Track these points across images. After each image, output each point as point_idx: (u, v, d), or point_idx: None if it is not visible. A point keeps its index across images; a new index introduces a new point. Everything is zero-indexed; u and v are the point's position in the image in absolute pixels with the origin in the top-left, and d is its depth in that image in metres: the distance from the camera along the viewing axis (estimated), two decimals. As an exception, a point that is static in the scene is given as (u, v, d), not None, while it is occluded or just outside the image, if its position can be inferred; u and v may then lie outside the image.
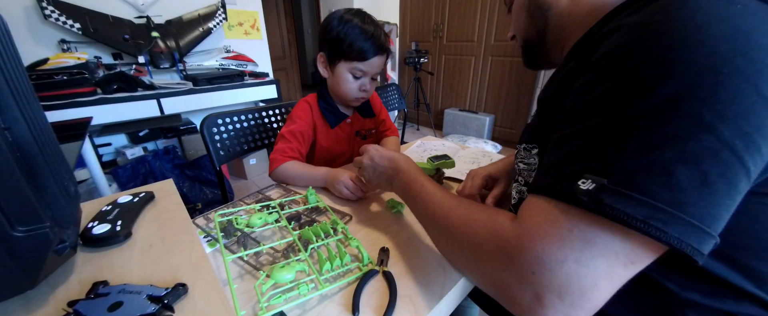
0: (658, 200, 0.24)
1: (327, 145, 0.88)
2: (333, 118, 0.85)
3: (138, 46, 1.84)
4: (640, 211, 0.24)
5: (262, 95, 2.12)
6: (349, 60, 0.75)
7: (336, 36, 0.73)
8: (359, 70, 0.76)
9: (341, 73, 0.77)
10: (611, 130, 0.27)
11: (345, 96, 0.81)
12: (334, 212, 0.59)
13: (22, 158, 0.30)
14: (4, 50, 0.29)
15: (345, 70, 0.76)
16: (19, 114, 0.29)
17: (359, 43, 0.72)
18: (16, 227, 0.28)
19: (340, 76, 0.78)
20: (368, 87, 0.80)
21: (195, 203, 1.79)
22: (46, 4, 1.58)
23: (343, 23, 0.73)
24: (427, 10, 3.27)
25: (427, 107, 3.34)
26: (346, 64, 0.76)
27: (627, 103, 0.26)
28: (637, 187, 0.25)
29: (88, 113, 1.44)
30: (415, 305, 0.40)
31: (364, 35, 0.72)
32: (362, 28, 0.72)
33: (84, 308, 0.31)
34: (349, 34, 0.72)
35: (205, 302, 0.34)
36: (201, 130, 0.91)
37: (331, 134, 0.87)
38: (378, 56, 0.75)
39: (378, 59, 0.76)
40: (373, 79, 0.80)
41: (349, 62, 0.75)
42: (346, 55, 0.74)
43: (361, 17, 0.74)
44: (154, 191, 0.56)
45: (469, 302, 0.84)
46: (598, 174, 0.26)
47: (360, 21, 0.73)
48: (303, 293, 0.39)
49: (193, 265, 0.39)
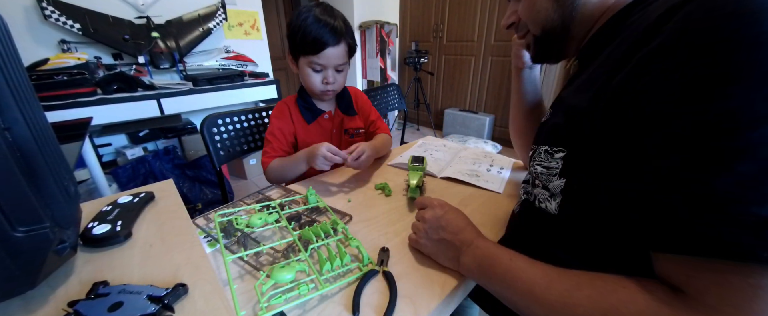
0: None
1: (308, 141, 0.87)
2: (309, 114, 0.86)
3: (138, 46, 1.84)
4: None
5: (262, 95, 2.12)
6: (305, 54, 0.74)
7: (292, 31, 0.72)
8: (316, 63, 0.74)
9: (303, 67, 0.77)
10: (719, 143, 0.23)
11: (311, 90, 0.81)
12: (334, 212, 0.59)
13: (22, 158, 0.30)
14: (4, 50, 0.29)
15: (304, 64, 0.76)
16: (19, 114, 0.29)
17: (312, 35, 0.70)
18: (16, 227, 0.28)
19: (302, 71, 0.78)
20: (331, 79, 0.78)
21: (195, 203, 1.79)
22: (46, 4, 1.58)
23: (299, 16, 0.71)
24: (427, 10, 3.27)
25: (427, 107, 3.34)
26: (305, 59, 0.75)
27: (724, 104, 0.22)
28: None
29: (88, 113, 1.44)
30: (415, 305, 0.40)
31: (316, 25, 0.70)
32: (316, 18, 0.70)
33: (84, 308, 0.31)
34: (302, 27, 0.70)
35: (205, 302, 0.34)
36: (201, 131, 0.91)
37: (311, 130, 0.88)
38: (333, 47, 0.73)
39: (333, 50, 0.73)
40: (338, 71, 0.79)
41: (306, 56, 0.74)
42: (301, 49, 0.73)
43: (319, 8, 0.72)
44: (154, 191, 0.56)
45: (469, 302, 0.84)
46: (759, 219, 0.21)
47: (317, 12, 0.71)
48: (303, 293, 0.39)
49: (194, 265, 0.39)
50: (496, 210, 0.63)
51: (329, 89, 0.80)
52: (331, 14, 0.73)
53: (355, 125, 0.94)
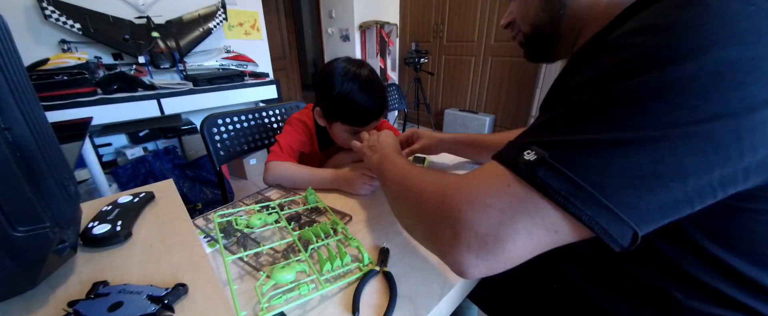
0: (585, 180, 0.25)
1: (316, 163, 0.90)
2: (322, 142, 0.87)
3: (138, 46, 1.84)
4: (564, 186, 0.25)
5: (263, 95, 2.12)
6: (345, 123, 0.75)
7: (335, 98, 0.71)
8: (356, 130, 0.76)
9: (338, 130, 0.77)
10: (569, 109, 0.28)
11: (340, 144, 0.83)
12: (333, 213, 0.59)
13: (22, 158, 0.30)
14: (4, 50, 0.29)
15: (342, 129, 0.76)
16: (19, 114, 0.29)
17: (355, 112, 0.72)
18: (16, 227, 0.29)
19: (336, 132, 0.78)
20: (366, 136, 0.79)
21: (195, 203, 1.79)
22: (46, 4, 1.58)
23: (341, 85, 0.70)
24: (427, 10, 3.27)
25: (427, 107, 3.34)
26: (343, 127, 0.75)
27: (598, 88, 0.27)
28: (571, 164, 0.26)
29: (88, 113, 1.45)
30: (415, 305, 0.40)
31: (360, 105, 0.70)
32: (358, 99, 0.70)
33: (84, 308, 0.31)
34: (344, 101, 0.70)
35: (206, 303, 0.34)
36: (201, 131, 0.91)
37: (320, 154, 0.90)
38: (374, 121, 0.76)
39: (374, 122, 0.76)
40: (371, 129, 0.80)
41: (345, 125, 0.75)
42: (343, 119, 0.74)
43: (360, 82, 0.71)
44: (154, 191, 0.56)
45: (468, 302, 0.84)
46: (543, 147, 0.27)
47: (358, 89, 0.70)
48: (303, 293, 0.39)
49: (194, 265, 0.39)
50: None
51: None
52: (373, 89, 0.72)
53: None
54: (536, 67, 2.60)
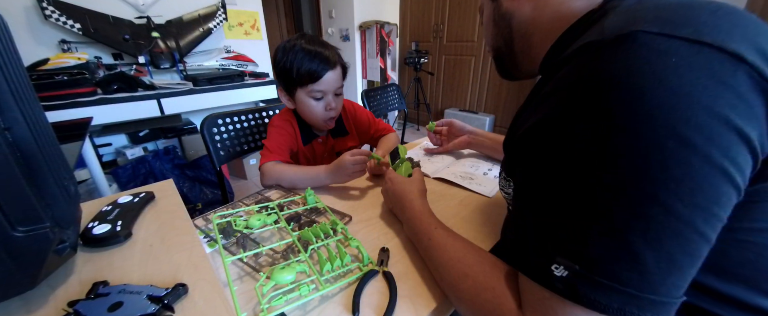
0: (630, 286, 0.25)
1: (303, 160, 0.92)
2: (304, 137, 0.88)
3: (138, 46, 1.84)
4: (615, 300, 0.25)
5: (262, 95, 2.12)
6: (303, 85, 0.75)
7: (283, 66, 0.73)
8: (317, 91, 0.75)
9: (302, 99, 0.77)
10: (575, 205, 0.27)
11: (315, 121, 0.82)
12: (333, 213, 0.59)
13: (22, 158, 0.30)
14: (4, 50, 0.29)
15: (304, 95, 0.76)
16: (19, 114, 0.29)
17: (306, 65, 0.72)
18: (16, 227, 0.29)
19: (302, 103, 0.78)
20: (334, 105, 0.79)
21: (195, 203, 1.79)
22: (46, 4, 1.58)
23: (287, 52, 0.73)
24: (427, 10, 3.27)
25: (427, 107, 3.34)
26: (303, 90, 0.75)
27: (589, 174, 0.26)
28: (608, 274, 0.25)
29: (88, 113, 1.44)
30: (415, 306, 0.40)
31: (309, 56, 0.72)
32: (305, 49, 0.72)
33: (84, 308, 0.31)
34: (294, 60, 0.72)
35: (205, 302, 0.34)
36: (201, 131, 0.91)
37: (305, 151, 0.90)
38: (330, 71, 0.75)
39: (331, 74, 0.75)
40: (337, 94, 0.80)
41: (305, 87, 0.75)
42: (298, 81, 0.74)
43: (304, 39, 0.74)
44: (154, 191, 0.56)
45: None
46: (569, 258, 0.27)
47: (304, 42, 0.73)
48: (304, 294, 0.39)
49: (194, 265, 0.39)
50: (497, 214, 0.63)
51: (331, 116, 0.81)
52: (318, 41, 0.74)
53: (347, 146, 0.95)
54: (536, 67, 2.60)
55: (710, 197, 0.24)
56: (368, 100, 1.53)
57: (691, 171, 0.23)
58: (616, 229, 0.25)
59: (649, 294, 0.24)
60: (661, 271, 0.24)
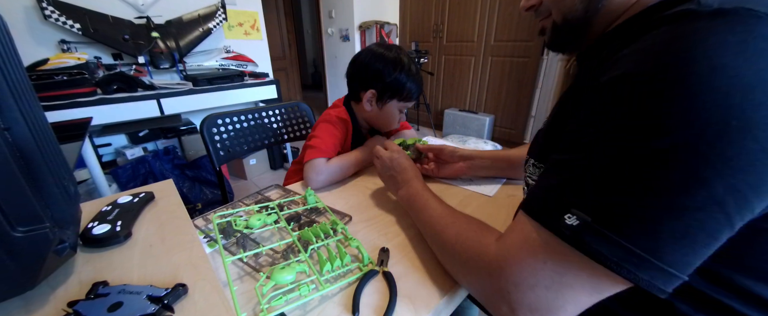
0: (637, 245, 0.25)
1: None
2: (357, 137, 0.92)
3: (138, 46, 1.83)
4: (616, 253, 0.26)
5: (262, 95, 2.12)
6: (402, 100, 0.85)
7: (395, 80, 0.81)
8: (406, 106, 0.88)
9: (391, 110, 0.87)
10: (607, 167, 0.27)
11: (385, 127, 0.93)
12: (333, 213, 0.59)
13: (22, 158, 0.30)
14: (4, 50, 0.29)
15: (395, 108, 0.87)
16: (19, 114, 0.29)
17: (413, 88, 0.83)
18: (16, 228, 0.28)
19: (389, 112, 0.87)
20: (404, 118, 0.94)
21: (195, 203, 1.79)
22: (46, 4, 1.58)
23: (398, 69, 0.81)
24: (427, 10, 3.27)
25: (427, 107, 3.34)
26: (398, 104, 0.86)
27: (629, 142, 0.26)
28: (619, 230, 0.26)
29: (88, 113, 1.44)
30: (415, 306, 0.40)
31: (415, 79, 0.83)
32: (413, 72, 0.83)
33: (84, 308, 0.31)
34: (405, 80, 0.82)
35: (205, 303, 0.34)
36: (201, 131, 0.91)
37: (347, 149, 0.92)
38: (420, 94, 0.89)
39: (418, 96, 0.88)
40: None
41: (401, 102, 0.86)
42: (400, 96, 0.84)
43: (407, 57, 0.83)
44: (154, 192, 0.56)
45: (468, 302, 0.84)
46: (585, 211, 0.27)
47: (408, 62, 0.83)
48: (304, 294, 0.39)
49: (193, 265, 0.39)
50: (496, 212, 0.63)
51: (398, 127, 0.94)
52: (414, 62, 0.85)
53: None
54: (536, 67, 2.60)
55: (750, 182, 0.23)
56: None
57: (743, 152, 0.23)
58: (643, 191, 0.25)
59: (652, 257, 0.25)
60: (674, 240, 0.24)
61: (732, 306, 0.31)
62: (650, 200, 0.25)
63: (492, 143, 2.64)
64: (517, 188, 0.73)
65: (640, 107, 0.26)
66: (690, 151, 0.23)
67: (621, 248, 0.25)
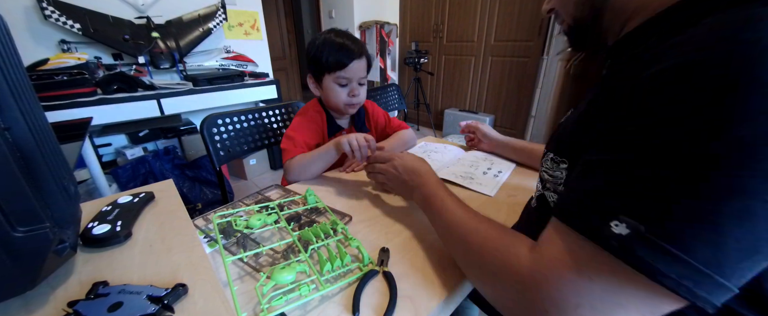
0: (697, 259, 0.22)
1: None
2: (330, 128, 0.91)
3: (138, 46, 1.83)
4: (674, 269, 0.22)
5: (262, 95, 2.12)
6: (331, 71, 0.81)
7: (315, 54, 0.81)
8: (343, 77, 0.81)
9: (329, 85, 0.83)
10: (662, 169, 0.24)
11: (337, 105, 0.86)
12: (333, 213, 0.59)
13: (22, 158, 0.30)
14: (4, 50, 0.29)
15: (331, 81, 0.83)
16: (19, 114, 0.29)
17: (335, 53, 0.79)
18: (16, 228, 0.28)
19: (329, 89, 0.84)
20: (356, 92, 0.84)
21: (195, 203, 1.79)
22: (46, 4, 1.58)
23: (319, 41, 0.81)
24: (427, 10, 3.27)
25: (427, 107, 3.34)
26: (330, 76, 0.82)
27: (687, 139, 0.23)
28: (678, 241, 0.22)
29: (88, 113, 1.44)
30: (415, 306, 0.40)
31: (337, 46, 0.79)
32: (334, 41, 0.80)
33: (84, 308, 0.31)
34: (324, 49, 0.80)
35: (205, 303, 0.34)
36: (201, 131, 0.91)
37: (328, 139, 0.91)
38: (356, 60, 0.80)
39: (357, 63, 0.81)
40: (361, 84, 0.85)
41: (332, 73, 0.81)
42: (327, 67, 0.81)
43: (334, 32, 0.82)
44: (154, 192, 0.56)
45: (468, 302, 0.84)
46: (635, 218, 0.24)
47: (333, 35, 0.81)
48: (304, 294, 0.39)
49: (194, 265, 0.39)
50: (496, 213, 0.63)
51: (354, 102, 0.85)
52: (347, 35, 0.83)
53: None
54: (536, 67, 2.60)
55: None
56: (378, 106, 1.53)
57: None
58: (708, 196, 0.22)
59: (714, 272, 0.22)
60: (740, 252, 0.22)
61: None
62: (717, 206, 0.22)
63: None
64: (518, 187, 0.73)
65: (700, 101, 0.22)
66: (762, 147, 0.21)
67: (680, 263, 0.22)
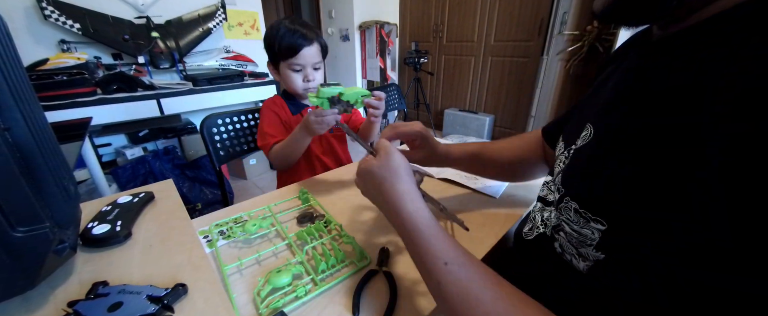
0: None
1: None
2: (293, 106, 0.94)
3: (138, 46, 1.83)
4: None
5: (262, 95, 2.12)
6: (285, 58, 0.84)
7: (269, 43, 0.84)
8: (296, 64, 0.84)
9: (284, 71, 0.86)
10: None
11: (294, 91, 0.90)
12: (328, 212, 0.59)
13: (22, 158, 0.30)
14: (4, 50, 0.29)
15: (285, 68, 0.85)
16: (19, 114, 0.29)
17: (287, 40, 0.81)
18: (16, 228, 0.29)
19: (285, 75, 0.87)
20: (311, 76, 0.87)
21: (195, 203, 1.79)
22: (46, 4, 1.58)
23: (272, 30, 0.83)
24: (427, 10, 3.27)
25: (427, 107, 3.34)
26: (285, 63, 0.85)
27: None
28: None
29: (88, 113, 1.44)
30: (415, 306, 0.40)
31: (289, 33, 0.81)
32: (287, 27, 0.81)
33: (84, 308, 0.31)
34: (276, 36, 0.82)
35: (205, 303, 0.34)
36: (201, 131, 0.91)
37: (297, 119, 0.92)
38: (308, 47, 0.83)
39: (309, 50, 0.83)
40: (316, 69, 0.88)
41: (286, 60, 0.84)
42: (280, 55, 0.83)
43: (288, 19, 0.83)
44: (153, 192, 0.56)
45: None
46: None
47: (287, 22, 0.82)
48: (300, 295, 0.39)
49: (193, 265, 0.39)
50: (499, 214, 0.63)
51: (310, 87, 0.88)
52: (300, 22, 0.84)
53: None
54: (536, 67, 2.60)
55: None
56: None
57: None
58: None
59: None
60: None
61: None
62: None
63: (492, 143, 2.64)
64: (518, 186, 0.73)
65: None
66: None
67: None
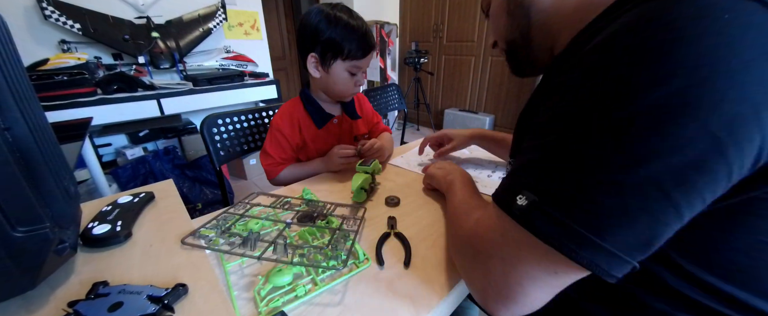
0: (579, 223, 0.25)
1: (316, 146, 0.88)
2: (319, 119, 0.85)
3: (138, 46, 1.84)
4: (557, 231, 0.26)
5: (263, 95, 2.12)
6: (346, 59, 0.76)
7: (330, 37, 0.73)
8: (356, 67, 0.77)
9: (338, 72, 0.78)
10: (554, 149, 0.28)
11: (342, 93, 0.82)
12: (330, 212, 0.59)
13: (22, 158, 0.30)
14: (4, 51, 0.29)
15: (342, 69, 0.77)
16: (19, 114, 0.29)
17: (355, 42, 0.74)
18: (16, 228, 0.29)
19: (336, 75, 0.78)
20: (361, 81, 0.82)
21: (195, 203, 1.79)
22: (46, 4, 1.58)
23: (333, 23, 0.72)
24: (427, 10, 3.27)
25: (427, 107, 3.35)
26: (344, 64, 0.76)
27: (576, 124, 0.27)
28: (563, 209, 0.26)
29: (88, 113, 1.44)
30: (415, 305, 0.40)
31: (357, 34, 0.73)
32: (354, 26, 0.73)
33: (84, 308, 0.31)
34: (342, 33, 0.73)
35: (206, 303, 0.34)
36: (201, 131, 0.91)
37: (320, 135, 0.87)
38: (372, 51, 0.78)
39: (372, 54, 0.79)
40: (363, 72, 0.83)
41: (347, 61, 0.76)
42: (343, 54, 0.75)
43: (347, 13, 0.74)
44: (154, 192, 0.56)
45: (468, 302, 0.84)
46: (533, 191, 0.28)
47: (348, 18, 0.74)
48: (300, 294, 0.39)
49: (194, 265, 0.39)
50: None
51: (357, 91, 0.85)
52: (359, 17, 0.77)
53: (361, 131, 0.96)
54: (536, 67, 2.60)
55: (689, 162, 0.23)
56: (368, 100, 1.53)
57: (682, 131, 0.22)
58: (583, 170, 0.26)
59: (591, 234, 0.25)
60: (613, 218, 0.24)
61: (712, 307, 0.30)
62: (591, 179, 0.25)
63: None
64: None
65: (594, 86, 0.26)
66: (628, 128, 0.24)
67: (563, 227, 0.26)
